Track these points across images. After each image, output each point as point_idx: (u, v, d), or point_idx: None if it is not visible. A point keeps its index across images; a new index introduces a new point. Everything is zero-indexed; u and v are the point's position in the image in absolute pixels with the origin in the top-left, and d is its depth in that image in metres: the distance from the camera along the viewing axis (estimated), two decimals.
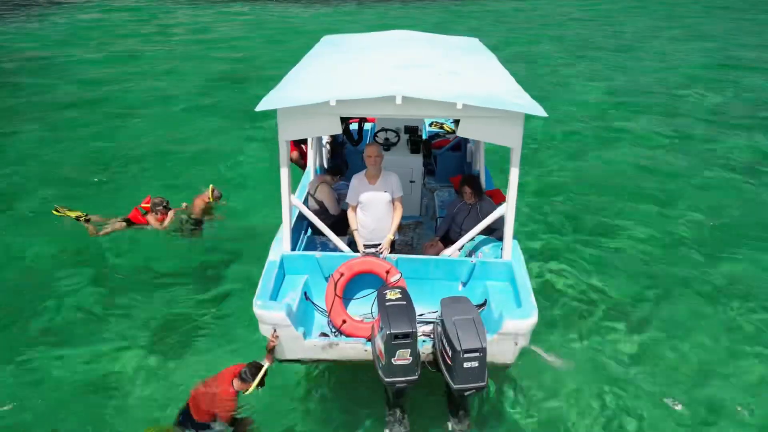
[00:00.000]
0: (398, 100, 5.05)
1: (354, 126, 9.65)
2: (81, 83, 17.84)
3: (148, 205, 8.52)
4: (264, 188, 10.21)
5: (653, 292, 8.05)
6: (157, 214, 8.40)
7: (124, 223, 8.41)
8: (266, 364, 5.46)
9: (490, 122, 5.31)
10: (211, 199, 8.94)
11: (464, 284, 6.13)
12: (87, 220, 8.46)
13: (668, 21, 32.45)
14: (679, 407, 6.10)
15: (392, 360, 4.87)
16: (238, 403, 5.43)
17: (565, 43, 26.10)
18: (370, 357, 5.55)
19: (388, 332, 4.77)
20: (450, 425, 5.31)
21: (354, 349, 5.59)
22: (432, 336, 5.51)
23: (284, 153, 5.70)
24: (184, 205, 8.89)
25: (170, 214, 8.49)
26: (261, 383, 5.35)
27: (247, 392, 5.35)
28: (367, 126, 10.13)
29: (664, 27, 30.24)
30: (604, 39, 27.05)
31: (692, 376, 6.55)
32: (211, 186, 9.16)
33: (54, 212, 8.63)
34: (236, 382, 5.38)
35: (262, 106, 5.32)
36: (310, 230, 7.20)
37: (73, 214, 8.53)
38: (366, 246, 6.20)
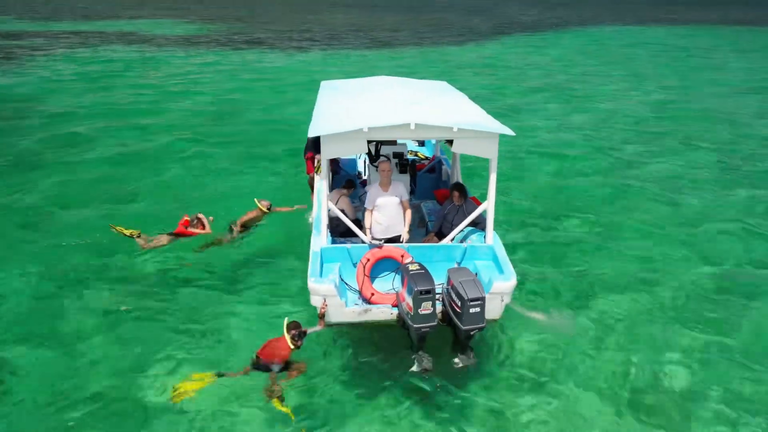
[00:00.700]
0: (412, 126, 7.10)
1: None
2: (78, 129, 19.29)
3: (188, 220, 10.25)
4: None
5: (606, 267, 10.39)
6: (197, 227, 10.12)
7: (171, 237, 10.07)
8: (317, 328, 7.30)
9: (476, 141, 7.43)
10: (266, 210, 10.83)
11: (458, 264, 8.12)
12: (138, 236, 10.06)
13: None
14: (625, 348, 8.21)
15: (419, 311, 6.77)
16: (291, 355, 7.23)
17: (520, 84, 29.35)
18: (394, 319, 7.46)
19: (416, 290, 6.68)
20: (458, 361, 7.20)
21: (383, 312, 7.48)
22: (441, 299, 7.44)
23: (325, 169, 7.64)
24: (210, 218, 10.65)
25: (206, 223, 10.23)
26: (299, 337, 7.18)
27: (296, 348, 7.19)
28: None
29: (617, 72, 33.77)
30: (554, 82, 30.42)
31: (636, 326, 8.72)
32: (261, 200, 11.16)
33: (111, 229, 10.17)
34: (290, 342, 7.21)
35: (312, 133, 7.28)
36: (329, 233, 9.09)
37: (127, 232, 10.10)
38: (379, 239, 8.14)
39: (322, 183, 7.84)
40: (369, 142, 7.82)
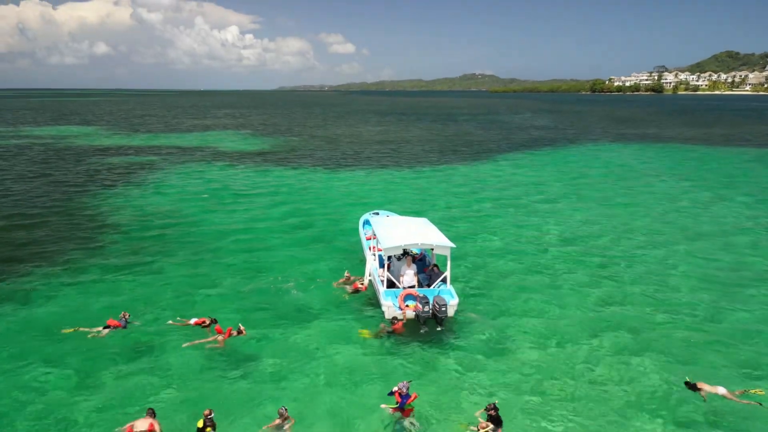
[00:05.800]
0: (419, 244, 19.64)
1: None
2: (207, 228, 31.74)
3: (352, 280, 22.62)
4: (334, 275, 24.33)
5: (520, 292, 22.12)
6: (362, 284, 22.59)
7: (351, 289, 22.50)
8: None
9: (441, 249, 19.81)
10: (352, 277, 23.34)
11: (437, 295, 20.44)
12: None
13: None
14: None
15: (423, 309, 18.85)
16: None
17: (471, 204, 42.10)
18: (413, 317, 19.56)
19: (423, 301, 18.92)
20: (438, 328, 19.03)
21: (410, 314, 19.46)
22: (431, 307, 19.56)
23: (389, 259, 20.28)
24: (362, 278, 23.05)
25: (360, 283, 22.66)
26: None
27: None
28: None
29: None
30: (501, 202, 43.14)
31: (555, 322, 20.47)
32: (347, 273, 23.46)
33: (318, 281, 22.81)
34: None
35: (383, 246, 19.96)
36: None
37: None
38: (405, 287, 20.52)
39: (375, 264, 20.57)
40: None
